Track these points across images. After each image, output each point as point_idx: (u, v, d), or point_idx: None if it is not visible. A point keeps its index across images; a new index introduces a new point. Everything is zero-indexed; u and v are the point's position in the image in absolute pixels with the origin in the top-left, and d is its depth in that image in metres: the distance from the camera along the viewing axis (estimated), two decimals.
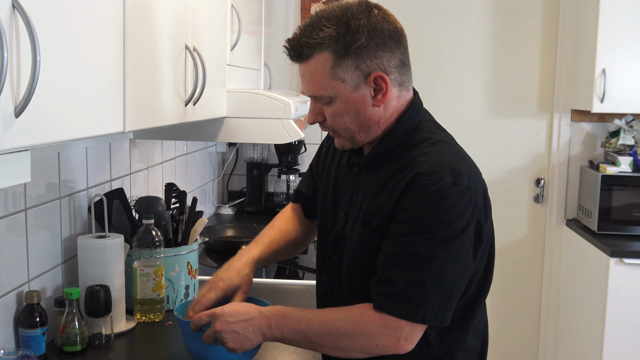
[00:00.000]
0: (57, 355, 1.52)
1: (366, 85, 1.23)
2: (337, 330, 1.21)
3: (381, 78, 1.22)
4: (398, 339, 1.19)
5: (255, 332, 1.25)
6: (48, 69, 0.89)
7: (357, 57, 1.20)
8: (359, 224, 1.31)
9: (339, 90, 1.23)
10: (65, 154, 1.69)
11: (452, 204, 1.18)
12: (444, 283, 1.19)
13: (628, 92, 2.99)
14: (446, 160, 1.22)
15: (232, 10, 2.01)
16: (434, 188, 1.17)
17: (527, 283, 3.51)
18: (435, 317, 1.19)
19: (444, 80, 3.43)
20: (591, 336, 2.99)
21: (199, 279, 1.94)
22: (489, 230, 1.28)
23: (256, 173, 3.24)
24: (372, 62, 1.21)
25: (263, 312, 1.26)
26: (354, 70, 1.21)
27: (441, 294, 1.19)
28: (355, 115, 1.26)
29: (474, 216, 1.21)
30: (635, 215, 3.03)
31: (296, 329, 1.24)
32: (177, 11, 1.50)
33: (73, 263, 1.73)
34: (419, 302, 1.18)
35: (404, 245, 1.19)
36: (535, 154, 3.46)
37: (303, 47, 1.22)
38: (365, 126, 1.27)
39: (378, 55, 1.21)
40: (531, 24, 3.37)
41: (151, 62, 1.34)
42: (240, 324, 1.25)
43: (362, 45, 1.20)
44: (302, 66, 1.25)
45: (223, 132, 1.98)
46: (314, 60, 1.22)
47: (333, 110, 1.26)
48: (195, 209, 1.96)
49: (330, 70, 1.21)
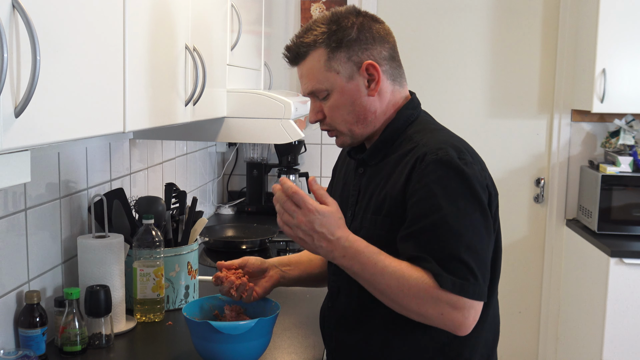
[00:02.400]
0: (57, 355, 1.52)
1: (359, 76, 1.32)
2: (409, 287, 1.20)
3: (373, 67, 1.31)
4: (464, 315, 1.20)
5: (326, 250, 1.24)
6: (48, 69, 0.89)
7: (348, 49, 1.30)
8: (370, 214, 1.33)
9: (334, 81, 1.32)
10: (65, 154, 1.69)
11: (463, 174, 1.22)
12: (480, 255, 1.22)
13: (628, 92, 2.99)
14: (448, 140, 1.28)
15: (232, 10, 2.01)
16: (442, 162, 1.22)
17: (527, 283, 3.52)
18: (481, 292, 1.21)
19: (444, 80, 3.43)
20: (591, 336, 2.99)
21: (199, 279, 1.94)
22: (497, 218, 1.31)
23: (256, 173, 3.24)
24: (363, 54, 1.31)
25: (344, 240, 1.23)
26: (347, 61, 1.31)
27: (481, 266, 1.21)
28: (352, 106, 1.33)
29: (486, 189, 1.25)
30: (635, 215, 3.03)
31: (368, 269, 1.22)
32: (177, 11, 1.50)
33: (73, 263, 1.73)
34: (468, 277, 1.19)
35: (433, 226, 1.21)
36: (535, 154, 3.46)
37: (299, 47, 1.34)
38: (362, 117, 1.34)
39: (368, 47, 1.31)
40: (531, 24, 3.37)
41: (151, 62, 1.34)
42: (320, 236, 1.22)
43: (352, 39, 1.30)
44: (300, 67, 1.36)
45: (223, 132, 1.98)
46: (310, 57, 1.33)
47: (330, 103, 1.34)
48: (195, 209, 1.96)
49: (325, 64, 1.31)
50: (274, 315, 1.43)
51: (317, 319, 1.55)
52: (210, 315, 1.52)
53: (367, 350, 1.35)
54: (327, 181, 3.39)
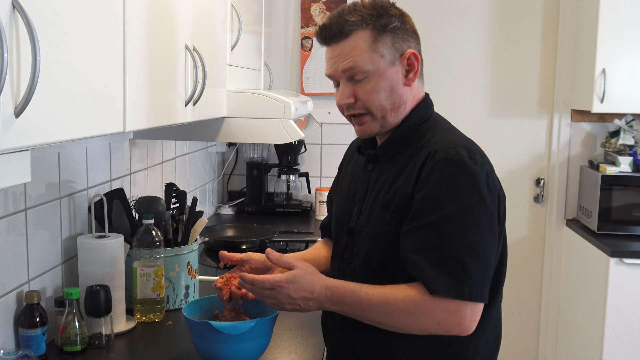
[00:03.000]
0: (57, 355, 1.52)
1: (400, 64, 1.33)
2: (398, 310, 1.23)
3: (414, 56, 1.33)
4: (461, 318, 1.21)
5: (315, 306, 1.29)
6: (48, 69, 0.89)
7: (393, 35, 1.31)
8: (378, 209, 1.33)
9: (378, 64, 1.31)
10: (65, 154, 1.69)
11: (472, 174, 1.22)
12: (480, 256, 1.21)
13: (628, 92, 2.99)
14: (459, 141, 1.29)
15: (232, 10, 2.01)
16: (452, 160, 1.23)
17: (527, 283, 3.52)
18: (479, 293, 1.21)
19: (444, 80, 3.43)
20: (591, 336, 2.99)
21: (199, 279, 1.94)
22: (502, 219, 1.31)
23: (256, 173, 3.24)
24: (405, 43, 1.33)
25: (324, 291, 1.27)
26: (391, 46, 1.31)
27: (480, 268, 1.21)
28: (390, 92, 1.33)
29: (494, 191, 1.25)
30: (635, 215, 3.03)
31: (357, 307, 1.26)
32: (177, 11, 1.50)
33: (73, 263, 1.73)
34: (463, 280, 1.19)
35: (436, 223, 1.21)
36: (535, 154, 3.46)
37: (344, 24, 1.30)
38: (397, 105, 1.34)
39: (408, 39, 1.34)
40: (531, 24, 3.37)
41: (151, 62, 1.34)
42: (303, 300, 1.27)
43: (397, 27, 1.32)
44: (339, 45, 1.32)
45: (223, 132, 1.98)
46: (354, 36, 1.30)
47: (370, 86, 1.32)
48: (195, 209, 1.96)
49: (371, 45, 1.30)
50: (274, 315, 1.43)
51: (317, 319, 1.55)
52: (210, 315, 1.52)
53: (368, 350, 1.35)
54: (327, 181, 3.39)
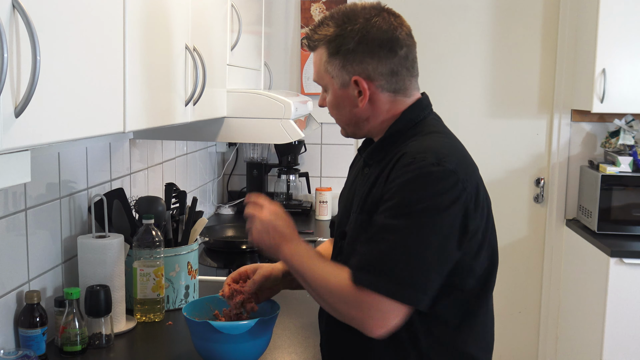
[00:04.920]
0: (57, 355, 1.52)
1: (350, 86, 1.32)
2: (326, 283, 1.24)
3: (359, 83, 1.31)
4: (368, 314, 1.18)
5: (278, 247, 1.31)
6: (48, 69, 0.89)
7: (344, 59, 1.30)
8: (357, 213, 1.33)
9: (329, 83, 1.35)
10: (65, 154, 1.69)
11: (432, 181, 1.19)
12: (419, 260, 1.17)
13: (628, 92, 2.98)
14: (434, 146, 1.25)
15: (232, 10, 2.01)
16: (415, 166, 1.20)
17: (527, 283, 3.51)
18: (407, 295, 1.16)
19: (444, 81, 3.43)
20: (591, 336, 2.99)
21: (199, 279, 1.94)
22: (485, 229, 1.27)
23: (256, 173, 3.24)
24: (357, 67, 1.30)
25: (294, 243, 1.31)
26: (340, 69, 1.32)
27: (415, 272, 1.17)
28: (342, 110, 1.36)
29: (458, 201, 1.19)
30: (635, 215, 3.03)
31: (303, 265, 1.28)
32: (177, 11, 1.50)
33: (73, 263, 1.73)
34: (390, 276, 1.17)
35: (381, 219, 1.21)
36: (535, 154, 3.46)
37: (309, 39, 1.36)
38: (353, 122, 1.37)
39: (364, 61, 1.29)
40: (531, 24, 3.37)
41: (151, 62, 1.34)
42: (279, 233, 1.31)
43: (349, 50, 1.29)
44: (313, 55, 1.40)
45: (223, 132, 1.98)
46: (317, 51, 1.36)
47: (328, 99, 1.39)
48: (195, 209, 1.96)
49: (324, 64, 1.34)
50: (274, 315, 1.43)
51: (317, 319, 1.55)
52: (210, 315, 1.52)
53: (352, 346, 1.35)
54: (327, 181, 3.40)
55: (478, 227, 1.24)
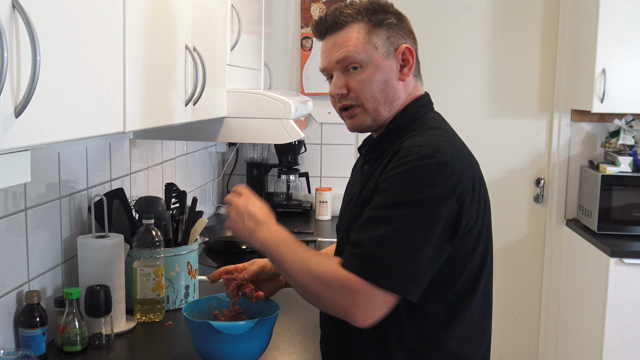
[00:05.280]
0: (57, 355, 1.52)
1: (394, 58, 1.34)
2: (308, 268, 1.21)
3: (409, 51, 1.34)
4: (354, 302, 1.16)
5: (252, 233, 1.29)
6: (48, 69, 0.89)
7: (388, 29, 1.34)
8: (352, 206, 1.34)
9: (372, 55, 1.32)
10: (65, 154, 1.69)
11: (426, 174, 1.18)
12: (411, 251, 1.16)
13: (628, 92, 2.99)
14: (430, 141, 1.25)
15: (232, 10, 2.01)
16: (409, 158, 1.20)
17: (527, 283, 3.51)
18: (396, 285, 1.15)
19: (444, 81, 3.43)
20: (591, 336, 2.99)
21: (199, 279, 1.94)
22: (481, 226, 1.26)
23: (256, 173, 3.24)
24: (401, 39, 1.35)
25: (270, 227, 1.29)
26: (386, 40, 1.33)
27: (407, 262, 1.16)
28: (384, 85, 1.33)
29: (453, 193, 1.18)
30: (635, 215, 3.03)
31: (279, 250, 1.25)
32: (177, 11, 1.50)
33: (73, 263, 1.73)
34: (379, 264, 1.15)
35: (374, 209, 1.21)
36: (535, 154, 3.46)
37: (340, 16, 1.33)
38: (390, 99, 1.34)
39: (404, 36, 1.36)
40: (531, 24, 3.37)
41: (151, 62, 1.34)
42: (254, 218, 1.30)
43: (392, 23, 1.34)
44: (334, 36, 1.34)
45: (223, 132, 1.98)
46: (349, 27, 1.33)
47: (363, 77, 1.32)
48: (195, 209, 1.96)
49: (365, 36, 1.32)
50: (274, 315, 1.43)
51: (317, 319, 1.55)
52: (210, 315, 1.52)
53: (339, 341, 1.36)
54: (327, 181, 3.40)
55: (474, 222, 1.24)
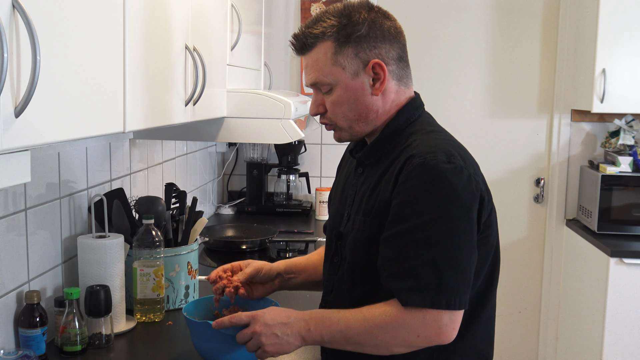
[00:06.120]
0: (57, 355, 1.52)
1: (365, 74, 1.29)
2: (376, 326, 1.20)
3: (379, 66, 1.29)
4: (439, 327, 1.18)
5: (294, 335, 1.24)
6: (48, 69, 0.89)
7: (357, 45, 1.28)
8: (360, 215, 1.32)
9: (339, 77, 1.29)
10: (65, 154, 1.69)
11: (450, 181, 1.19)
12: (458, 263, 1.18)
13: (628, 92, 2.99)
14: (439, 145, 1.25)
15: (232, 10, 2.01)
16: (429, 166, 1.19)
17: (527, 283, 3.52)
18: (458, 301, 1.18)
19: (444, 81, 3.43)
20: (591, 336, 2.99)
21: (199, 279, 1.94)
22: (492, 225, 1.28)
23: (256, 173, 3.24)
24: (371, 52, 1.29)
25: (301, 316, 1.25)
26: (354, 57, 1.28)
27: (458, 276, 1.18)
28: (354, 104, 1.31)
29: (476, 196, 1.21)
30: (635, 215, 3.03)
31: (335, 329, 1.22)
32: (177, 11, 1.50)
33: (73, 263, 1.73)
34: (439, 288, 1.17)
35: (411, 231, 1.19)
36: (535, 154, 3.46)
37: (307, 37, 1.30)
38: (364, 115, 1.32)
39: (377, 45, 1.29)
40: (531, 24, 3.37)
41: (151, 62, 1.34)
42: (280, 327, 1.24)
43: (362, 35, 1.27)
44: (306, 57, 1.33)
45: (223, 132, 1.98)
46: (317, 49, 1.30)
47: (333, 98, 1.32)
48: (195, 209, 1.96)
49: (332, 58, 1.28)
50: None
51: None
52: (210, 315, 1.52)
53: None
54: (327, 181, 3.39)
55: (491, 221, 1.27)
